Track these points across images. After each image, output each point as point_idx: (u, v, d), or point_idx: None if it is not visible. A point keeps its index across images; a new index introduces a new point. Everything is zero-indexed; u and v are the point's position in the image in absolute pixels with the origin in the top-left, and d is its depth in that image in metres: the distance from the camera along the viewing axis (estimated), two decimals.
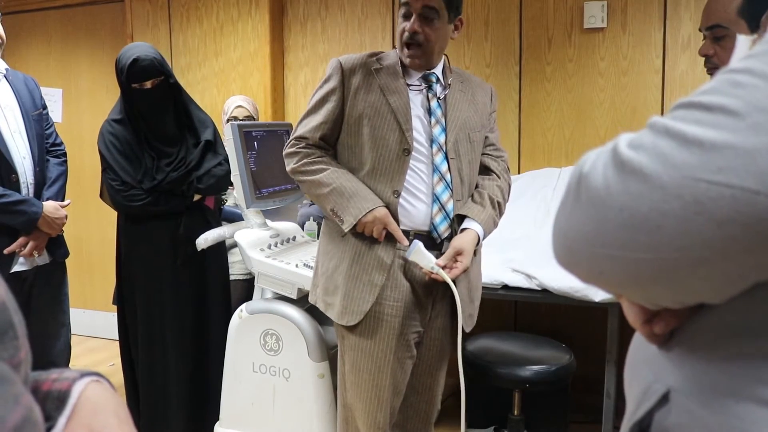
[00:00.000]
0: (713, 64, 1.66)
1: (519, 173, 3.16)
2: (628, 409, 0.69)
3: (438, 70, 1.90)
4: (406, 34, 1.80)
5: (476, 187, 1.93)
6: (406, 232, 1.81)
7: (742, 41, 0.75)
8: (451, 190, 1.83)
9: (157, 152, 2.48)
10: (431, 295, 1.88)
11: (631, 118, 3.03)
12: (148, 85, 2.43)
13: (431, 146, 1.83)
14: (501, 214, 1.93)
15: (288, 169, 1.91)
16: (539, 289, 2.44)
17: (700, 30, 1.70)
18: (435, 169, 1.83)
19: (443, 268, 1.76)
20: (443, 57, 1.93)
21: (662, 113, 2.97)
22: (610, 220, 0.55)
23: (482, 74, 3.21)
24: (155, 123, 2.48)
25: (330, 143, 1.89)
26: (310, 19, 3.63)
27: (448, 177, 1.83)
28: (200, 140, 2.54)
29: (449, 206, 1.83)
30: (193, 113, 2.57)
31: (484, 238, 1.85)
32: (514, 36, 3.21)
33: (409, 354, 1.89)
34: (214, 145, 2.57)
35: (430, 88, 1.87)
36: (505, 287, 2.50)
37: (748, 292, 0.56)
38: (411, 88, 1.86)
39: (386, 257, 1.81)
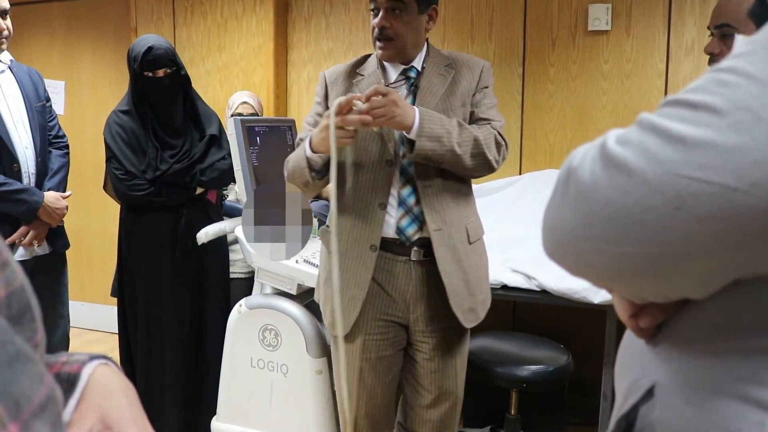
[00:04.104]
0: (717, 63, 1.66)
1: (520, 174, 3.17)
2: (617, 403, 0.71)
3: (418, 63, 1.86)
4: (376, 30, 1.79)
5: None
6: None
7: (740, 42, 0.75)
8: (415, 186, 1.78)
9: (162, 143, 2.50)
10: (406, 295, 1.84)
11: (633, 121, 3.03)
12: (161, 73, 2.47)
13: (401, 146, 1.78)
14: (463, 143, 1.73)
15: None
16: (538, 289, 2.44)
17: (708, 28, 1.70)
18: (403, 171, 1.79)
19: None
20: (424, 45, 1.88)
21: None
22: (596, 214, 0.56)
23: None
24: (164, 113, 2.51)
25: None
26: (315, 16, 3.63)
27: (415, 177, 1.79)
28: (205, 134, 2.57)
29: (416, 210, 1.78)
30: (199, 107, 2.61)
31: (419, 128, 1.67)
32: (518, 37, 3.22)
33: (386, 353, 1.87)
34: (219, 139, 2.59)
35: (408, 81, 1.84)
36: (504, 287, 2.50)
37: (730, 290, 0.57)
38: (390, 86, 1.81)
39: (365, 273, 1.80)
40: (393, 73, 1.86)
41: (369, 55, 1.93)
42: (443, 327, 1.85)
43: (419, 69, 1.86)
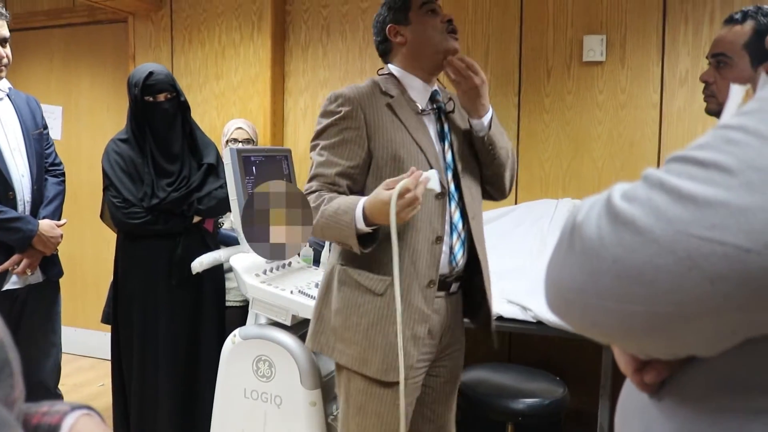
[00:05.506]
0: (711, 92, 1.74)
1: (516, 203, 3.17)
2: None
3: (433, 85, 1.86)
4: (446, 23, 1.77)
5: None
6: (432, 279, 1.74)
7: (735, 91, 0.75)
8: (465, 213, 1.79)
9: (159, 171, 2.51)
10: (441, 328, 1.83)
11: (628, 152, 3.05)
12: (161, 98, 2.51)
13: (446, 173, 1.78)
14: (511, 154, 1.93)
15: None
16: (534, 320, 2.43)
17: (707, 57, 1.76)
18: (451, 197, 1.78)
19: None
20: None
21: (659, 147, 2.99)
22: (604, 271, 0.55)
23: None
24: (163, 137, 2.54)
25: (354, 181, 1.73)
26: (312, 45, 3.66)
27: (461, 202, 1.80)
28: (203, 162, 2.60)
29: (464, 233, 1.79)
30: (197, 136, 2.63)
31: (492, 116, 1.84)
32: (513, 67, 3.24)
33: (418, 392, 1.84)
34: (216, 168, 2.61)
35: (439, 109, 1.82)
36: (500, 318, 2.48)
37: (739, 347, 0.56)
38: (422, 114, 1.80)
39: (426, 308, 1.72)
40: (416, 94, 1.81)
41: (374, 79, 1.85)
42: (454, 350, 1.93)
43: (439, 94, 1.85)
